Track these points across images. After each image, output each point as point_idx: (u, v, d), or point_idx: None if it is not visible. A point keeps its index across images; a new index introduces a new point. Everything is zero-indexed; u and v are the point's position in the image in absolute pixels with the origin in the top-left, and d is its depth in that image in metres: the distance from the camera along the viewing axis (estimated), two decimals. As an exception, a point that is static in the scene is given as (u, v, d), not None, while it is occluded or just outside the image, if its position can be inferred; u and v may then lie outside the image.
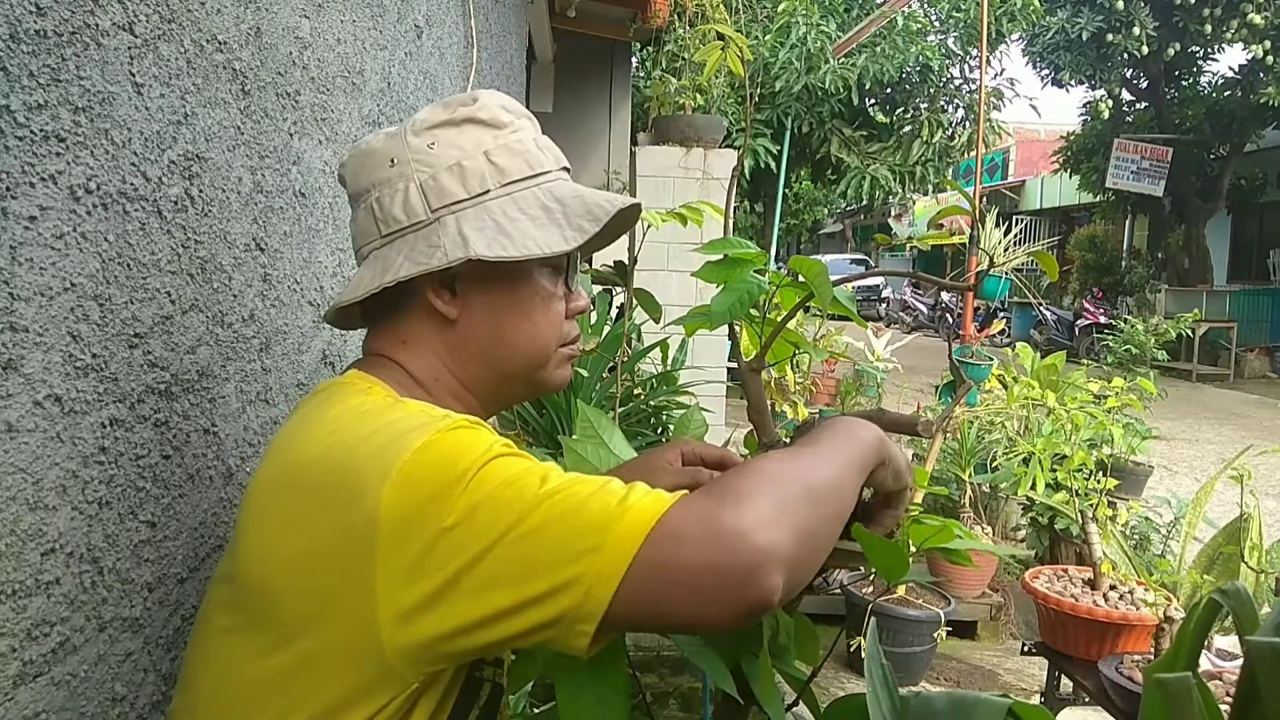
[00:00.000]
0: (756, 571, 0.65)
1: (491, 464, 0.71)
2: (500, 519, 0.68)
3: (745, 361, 1.07)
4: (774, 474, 0.72)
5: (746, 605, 0.66)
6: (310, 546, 0.72)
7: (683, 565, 0.66)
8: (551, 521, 0.68)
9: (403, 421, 0.75)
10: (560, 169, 0.91)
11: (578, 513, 0.68)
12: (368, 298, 0.86)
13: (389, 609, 0.69)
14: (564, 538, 0.67)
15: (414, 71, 1.83)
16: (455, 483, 0.69)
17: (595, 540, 0.67)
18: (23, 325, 0.65)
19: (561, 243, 0.85)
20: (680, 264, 4.39)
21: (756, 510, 0.67)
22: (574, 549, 0.67)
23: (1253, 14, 12.38)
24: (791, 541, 0.68)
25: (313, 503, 0.73)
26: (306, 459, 0.76)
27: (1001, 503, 4.24)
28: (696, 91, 5.24)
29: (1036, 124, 21.63)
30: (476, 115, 0.88)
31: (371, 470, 0.71)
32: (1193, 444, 8.08)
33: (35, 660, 0.68)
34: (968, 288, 4.65)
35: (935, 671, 3.57)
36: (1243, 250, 16.13)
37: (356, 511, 0.70)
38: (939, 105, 10.26)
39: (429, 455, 0.70)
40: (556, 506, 0.68)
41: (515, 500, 0.69)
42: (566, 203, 0.87)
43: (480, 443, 0.73)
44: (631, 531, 0.66)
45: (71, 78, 0.69)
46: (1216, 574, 2.83)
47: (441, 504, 0.68)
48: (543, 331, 0.90)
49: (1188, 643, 0.65)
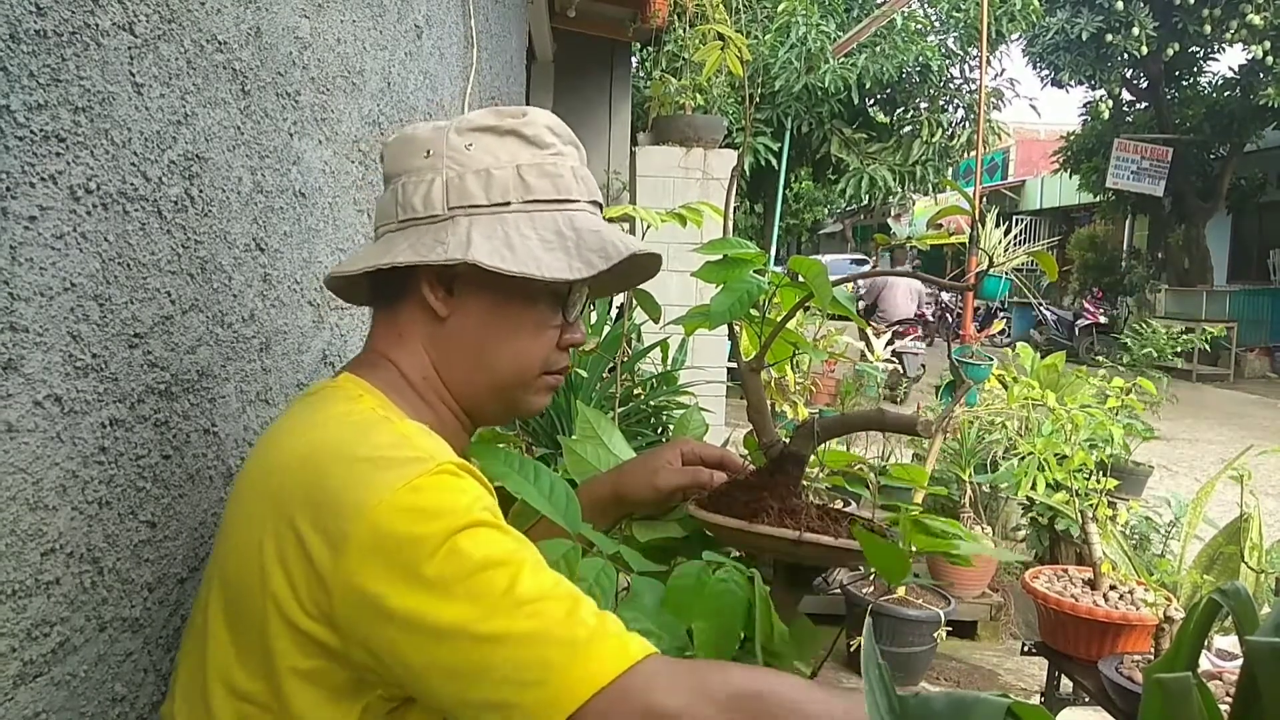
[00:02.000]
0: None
1: (469, 532, 0.70)
2: (464, 609, 0.68)
3: (745, 361, 1.07)
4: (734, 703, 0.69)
5: None
6: (264, 561, 0.73)
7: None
8: (510, 638, 0.68)
9: (388, 452, 0.75)
10: (590, 203, 0.90)
11: (537, 640, 0.68)
12: (375, 280, 0.87)
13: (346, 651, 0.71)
14: (516, 661, 0.67)
15: (414, 71, 1.83)
16: (428, 540, 0.69)
17: (542, 676, 0.67)
18: (23, 325, 0.65)
19: (565, 271, 0.84)
20: (680, 264, 4.37)
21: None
22: (522, 678, 0.67)
23: (1252, 14, 12.37)
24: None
25: (283, 510, 0.74)
26: (286, 464, 0.76)
27: (1001, 503, 4.23)
28: (696, 91, 5.24)
29: (1036, 124, 21.62)
30: (521, 129, 0.88)
31: (347, 501, 0.71)
32: (1193, 444, 8.07)
33: (35, 660, 0.68)
34: (968, 288, 4.65)
35: (935, 671, 3.57)
36: (1243, 250, 16.12)
37: (324, 534, 0.71)
38: (939, 105, 10.26)
39: (408, 501, 0.70)
40: (519, 623, 0.68)
41: (483, 595, 0.69)
42: (583, 234, 0.86)
43: (462, 499, 0.73)
44: (581, 684, 0.67)
45: (71, 78, 0.69)
46: (1216, 574, 2.83)
47: (412, 553, 0.69)
48: (527, 354, 0.89)
49: (1187, 643, 0.65)
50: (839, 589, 3.63)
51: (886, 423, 1.06)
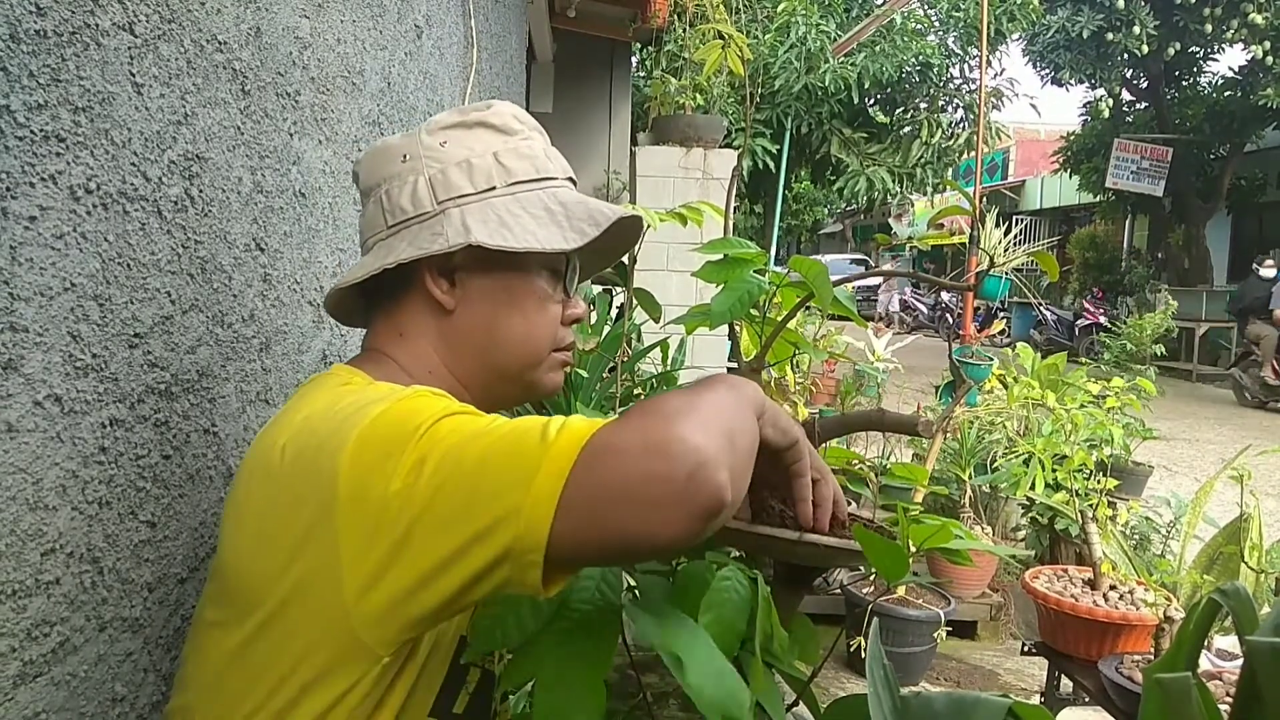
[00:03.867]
0: (700, 471, 0.62)
1: (443, 421, 0.71)
2: (444, 465, 0.67)
3: (745, 361, 1.07)
4: (688, 398, 0.70)
5: (697, 507, 0.63)
6: (279, 527, 0.73)
7: (621, 478, 0.64)
8: (489, 456, 0.67)
9: (365, 397, 0.76)
10: (566, 179, 0.94)
11: (514, 444, 0.67)
12: (371, 290, 0.89)
13: (353, 578, 0.69)
14: (501, 469, 0.66)
15: (414, 71, 1.83)
16: (405, 440, 0.69)
17: (530, 466, 0.65)
18: (23, 325, 0.65)
19: (561, 241, 0.87)
20: (680, 264, 4.39)
21: (686, 420, 0.65)
22: (510, 478, 0.65)
23: (1253, 14, 12.36)
24: (726, 447, 0.66)
25: (280, 484, 0.74)
26: (277, 444, 0.77)
27: (1001, 503, 4.24)
28: (696, 91, 5.24)
29: (1036, 124, 21.63)
30: (489, 120, 0.91)
31: (332, 444, 0.72)
32: (1193, 444, 8.07)
33: (35, 660, 0.68)
34: (968, 288, 4.65)
35: (935, 671, 3.57)
36: (1243, 250, 16.11)
37: (318, 485, 0.71)
38: (939, 105, 10.26)
39: (384, 420, 0.71)
40: (495, 443, 0.67)
41: (458, 445, 0.68)
42: (569, 206, 0.89)
43: (436, 405, 0.73)
44: (564, 453, 0.65)
45: (71, 78, 0.69)
46: (1216, 574, 2.83)
47: (393, 462, 0.68)
48: (536, 330, 0.91)
49: (1187, 643, 0.66)
50: (839, 589, 3.63)
51: (886, 423, 1.06)
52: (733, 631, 0.92)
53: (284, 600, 0.72)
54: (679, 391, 0.73)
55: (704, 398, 0.71)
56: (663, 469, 0.63)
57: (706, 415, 0.68)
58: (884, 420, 1.05)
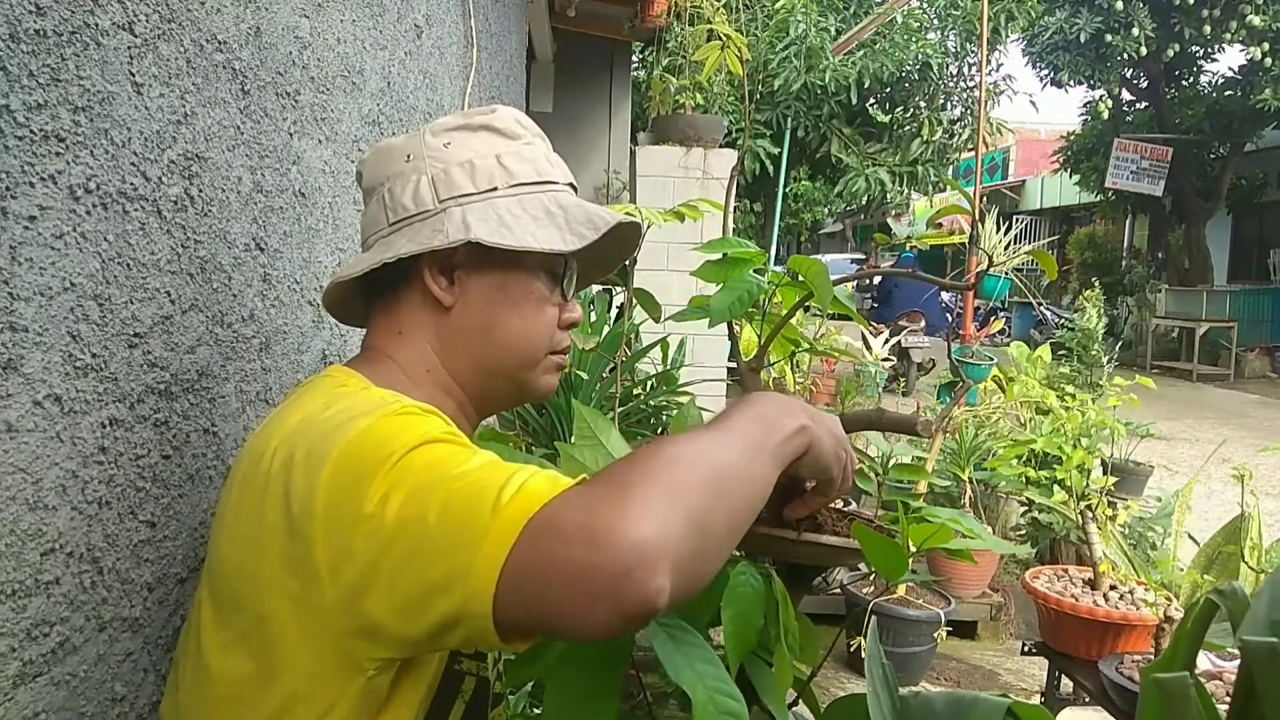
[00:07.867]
0: (634, 573, 0.59)
1: (421, 449, 0.70)
2: (409, 504, 0.66)
3: (745, 361, 1.07)
4: (670, 459, 0.67)
5: (623, 611, 0.60)
6: (266, 532, 0.73)
7: (558, 564, 0.61)
8: (450, 506, 0.65)
9: (355, 407, 0.75)
10: (567, 184, 0.94)
11: (473, 497, 0.65)
12: (371, 288, 0.89)
13: (334, 589, 0.69)
14: (457, 525, 0.65)
15: (414, 71, 1.83)
16: (380, 465, 0.68)
17: (481, 528, 0.63)
18: (23, 325, 0.65)
19: (560, 243, 0.87)
20: (680, 264, 4.39)
21: (643, 502, 0.62)
22: (464, 535, 0.64)
23: (1252, 15, 12.36)
24: (681, 536, 0.62)
25: (268, 489, 0.74)
26: (268, 449, 0.77)
27: (1001, 502, 4.24)
28: (696, 91, 5.24)
29: (1036, 124, 21.63)
30: (492, 124, 0.92)
31: (315, 457, 0.72)
32: (1193, 444, 8.07)
33: (35, 660, 0.68)
34: (968, 287, 4.65)
35: (935, 671, 3.57)
36: (1243, 250, 16.12)
37: (301, 495, 0.71)
38: (938, 104, 10.25)
39: (365, 439, 0.71)
40: (459, 492, 0.66)
41: (425, 486, 0.67)
42: (569, 210, 0.90)
43: (418, 428, 0.72)
44: (513, 519, 0.63)
45: (71, 78, 0.69)
46: (1216, 574, 2.82)
47: (365, 486, 0.68)
48: (533, 330, 0.91)
49: (1185, 643, 0.66)
50: (839, 589, 3.63)
51: (886, 423, 1.06)
52: (751, 626, 0.92)
53: (272, 605, 0.72)
54: (666, 445, 0.69)
55: (686, 459, 0.67)
56: (599, 562, 0.60)
57: (674, 490, 0.64)
58: (883, 420, 1.05)
